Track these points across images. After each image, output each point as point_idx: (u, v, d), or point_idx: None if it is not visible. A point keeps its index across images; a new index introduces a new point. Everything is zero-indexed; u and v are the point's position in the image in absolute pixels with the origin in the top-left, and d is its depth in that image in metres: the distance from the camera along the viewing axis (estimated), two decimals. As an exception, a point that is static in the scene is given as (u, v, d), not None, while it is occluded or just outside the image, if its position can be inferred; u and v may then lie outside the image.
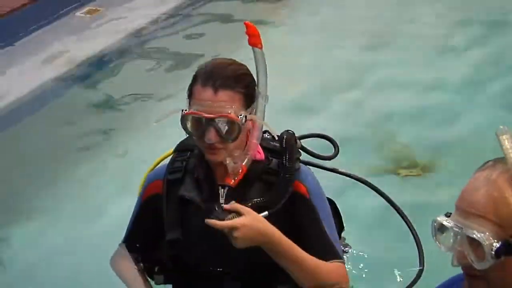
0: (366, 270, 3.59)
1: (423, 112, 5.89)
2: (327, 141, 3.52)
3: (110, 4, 7.33)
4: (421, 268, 3.33)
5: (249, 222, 3.01)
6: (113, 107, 6.05)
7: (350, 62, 6.70)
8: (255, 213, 3.02)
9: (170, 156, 3.30)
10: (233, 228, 2.93)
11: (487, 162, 2.11)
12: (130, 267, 3.27)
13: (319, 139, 3.52)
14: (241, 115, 2.98)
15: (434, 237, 2.18)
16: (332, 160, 3.43)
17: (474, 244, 2.11)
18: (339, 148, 3.42)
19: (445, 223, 2.15)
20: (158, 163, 3.33)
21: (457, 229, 2.13)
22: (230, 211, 3.00)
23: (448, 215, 2.15)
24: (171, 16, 7.44)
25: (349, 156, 3.79)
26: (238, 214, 3.00)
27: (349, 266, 3.35)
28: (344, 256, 3.36)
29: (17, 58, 6.39)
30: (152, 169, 3.35)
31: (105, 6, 7.25)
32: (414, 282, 3.29)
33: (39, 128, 5.71)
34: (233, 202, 3.02)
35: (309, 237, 3.12)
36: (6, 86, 6.00)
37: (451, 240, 2.17)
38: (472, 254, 2.11)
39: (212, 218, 2.97)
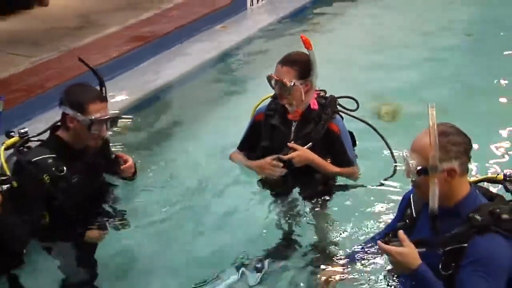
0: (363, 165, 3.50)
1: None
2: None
3: (234, 23, 7.35)
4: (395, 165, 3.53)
5: (299, 154, 3.23)
6: (235, 79, 6.11)
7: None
8: (303, 148, 3.23)
9: (267, 99, 3.49)
10: (291, 159, 3.23)
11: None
12: (241, 157, 3.51)
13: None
14: (291, 81, 3.19)
15: (404, 160, 2.38)
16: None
17: (410, 166, 2.31)
18: (359, 104, 3.46)
19: (403, 155, 2.38)
20: (261, 102, 3.55)
21: (407, 158, 2.35)
22: (290, 148, 3.24)
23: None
24: (265, 32, 7.26)
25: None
26: (295, 149, 3.24)
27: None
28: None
29: (183, 51, 6.44)
30: (258, 105, 3.55)
31: (228, 24, 7.27)
32: (391, 175, 3.51)
33: (196, 91, 5.78)
34: (293, 142, 3.24)
35: (339, 157, 3.33)
36: (175, 67, 6.02)
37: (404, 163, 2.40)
38: (411, 172, 2.33)
39: (283, 154, 3.22)
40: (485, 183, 2.66)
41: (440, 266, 2.28)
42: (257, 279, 3.13)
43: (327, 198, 3.44)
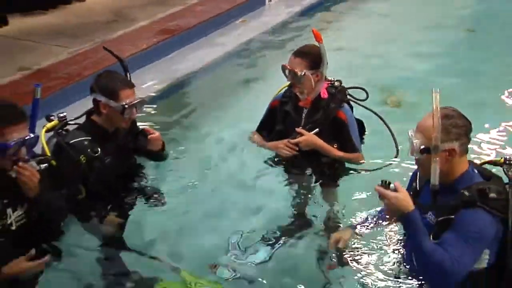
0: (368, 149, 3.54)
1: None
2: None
3: (252, 18, 7.33)
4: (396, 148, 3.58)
5: (306, 138, 3.27)
6: (254, 70, 6.02)
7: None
8: (309, 133, 3.27)
9: (285, 87, 3.52)
10: (298, 143, 3.28)
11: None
12: (259, 138, 3.56)
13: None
14: (302, 71, 3.23)
15: (409, 140, 2.42)
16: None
17: (414, 145, 2.36)
18: (368, 94, 3.46)
19: (408, 134, 2.43)
20: (281, 90, 3.54)
21: (411, 138, 2.39)
22: (298, 133, 3.27)
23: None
24: (282, 26, 7.18)
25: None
26: (302, 134, 3.28)
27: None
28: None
29: (207, 43, 6.46)
30: (277, 94, 3.57)
31: (248, 18, 7.27)
32: (391, 163, 3.58)
33: (218, 80, 5.78)
34: (301, 128, 3.28)
35: (345, 143, 3.35)
36: (199, 58, 6.02)
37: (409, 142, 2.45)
38: (415, 150, 2.38)
39: (291, 138, 3.28)
40: (490, 165, 2.69)
41: (431, 237, 2.34)
42: (270, 253, 3.12)
43: (336, 179, 3.46)
